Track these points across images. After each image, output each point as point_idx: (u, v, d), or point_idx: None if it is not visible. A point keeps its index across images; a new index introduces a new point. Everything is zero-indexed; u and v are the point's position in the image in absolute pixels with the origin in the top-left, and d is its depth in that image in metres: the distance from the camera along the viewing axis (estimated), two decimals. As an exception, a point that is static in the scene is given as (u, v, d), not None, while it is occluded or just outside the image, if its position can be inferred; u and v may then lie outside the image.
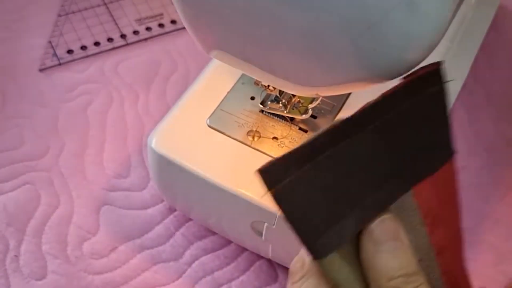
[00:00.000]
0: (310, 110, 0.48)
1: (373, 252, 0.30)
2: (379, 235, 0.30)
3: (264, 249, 0.50)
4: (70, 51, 0.67)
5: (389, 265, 0.30)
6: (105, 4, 0.71)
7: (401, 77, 0.34)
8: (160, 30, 0.69)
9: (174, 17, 0.70)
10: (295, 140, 0.48)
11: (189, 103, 0.50)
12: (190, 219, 0.55)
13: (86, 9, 0.71)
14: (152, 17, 0.71)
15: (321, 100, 0.49)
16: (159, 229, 0.54)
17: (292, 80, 0.39)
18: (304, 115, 0.48)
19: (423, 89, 0.31)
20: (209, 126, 0.48)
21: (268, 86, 0.47)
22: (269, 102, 0.48)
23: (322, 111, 0.49)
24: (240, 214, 0.47)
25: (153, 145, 0.48)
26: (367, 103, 0.31)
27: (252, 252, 0.53)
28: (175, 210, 0.55)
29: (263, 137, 0.48)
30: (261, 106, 0.48)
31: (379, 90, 0.39)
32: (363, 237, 0.31)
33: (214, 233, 0.54)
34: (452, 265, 0.33)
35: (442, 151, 0.32)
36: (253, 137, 0.48)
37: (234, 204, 0.46)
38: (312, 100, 0.48)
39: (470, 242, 0.55)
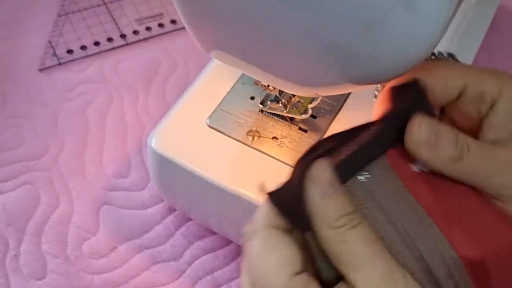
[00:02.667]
0: (310, 110, 0.48)
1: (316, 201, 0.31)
2: (316, 181, 0.31)
3: (264, 249, 0.50)
4: (70, 51, 0.67)
5: (330, 209, 0.31)
6: (105, 4, 0.71)
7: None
8: (160, 30, 0.69)
9: (174, 17, 0.70)
10: (295, 140, 0.48)
11: (189, 103, 0.50)
12: (190, 219, 0.55)
13: (86, 9, 0.71)
14: (152, 17, 0.71)
15: (321, 100, 0.49)
16: (159, 229, 0.54)
17: (292, 80, 0.39)
18: (303, 115, 0.48)
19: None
20: (209, 126, 0.48)
21: (268, 86, 0.47)
22: (269, 102, 0.48)
23: (322, 111, 0.49)
24: (240, 214, 0.47)
25: (153, 145, 0.48)
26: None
27: (252, 252, 0.53)
28: (175, 210, 0.55)
29: (263, 137, 0.48)
30: (261, 106, 0.48)
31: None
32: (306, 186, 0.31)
33: (214, 233, 0.54)
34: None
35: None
36: (253, 137, 0.48)
37: (234, 204, 0.46)
38: (312, 100, 0.48)
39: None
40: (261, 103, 0.49)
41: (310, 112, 0.48)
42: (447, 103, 0.35)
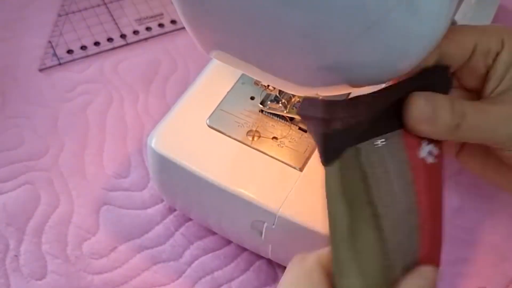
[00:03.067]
0: None
1: None
2: None
3: (264, 249, 0.50)
4: (70, 51, 0.67)
5: None
6: (105, 4, 0.71)
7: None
8: (160, 30, 0.69)
9: (174, 17, 0.70)
10: (295, 140, 0.48)
11: (189, 103, 0.50)
12: (190, 219, 0.55)
13: (86, 9, 0.71)
14: (152, 17, 0.71)
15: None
16: (159, 229, 0.54)
17: (292, 80, 0.39)
18: None
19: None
20: (209, 126, 0.48)
21: (268, 86, 0.47)
22: (268, 102, 0.48)
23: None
24: (240, 214, 0.47)
25: (153, 145, 0.48)
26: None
27: (252, 252, 0.53)
28: (175, 210, 0.55)
29: (263, 137, 0.48)
30: (261, 106, 0.48)
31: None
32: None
33: (214, 233, 0.54)
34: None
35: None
36: (253, 137, 0.48)
37: (234, 204, 0.46)
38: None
39: (470, 242, 0.55)
40: (261, 103, 0.49)
41: None
42: (460, 65, 0.37)
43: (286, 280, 0.35)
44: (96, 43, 0.68)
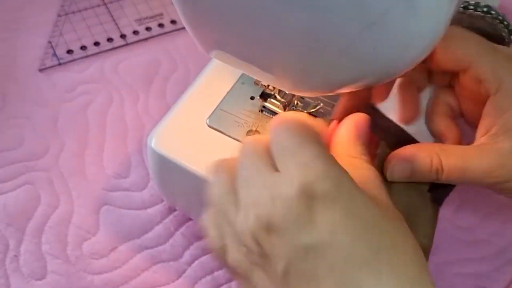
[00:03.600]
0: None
1: None
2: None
3: (264, 249, 0.50)
4: (70, 51, 0.67)
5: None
6: (105, 4, 0.71)
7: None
8: (160, 30, 0.69)
9: (174, 17, 0.70)
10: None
11: (189, 103, 0.50)
12: (190, 219, 0.55)
13: (86, 9, 0.71)
14: (152, 17, 0.71)
15: (321, 100, 0.49)
16: (159, 229, 0.54)
17: (292, 80, 0.39)
18: None
19: None
20: (209, 126, 0.48)
21: (268, 85, 0.47)
22: (268, 99, 0.48)
23: (322, 111, 0.49)
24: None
25: (153, 145, 0.48)
26: None
27: (252, 252, 0.53)
28: (175, 210, 0.55)
29: (263, 137, 0.48)
30: (261, 99, 0.48)
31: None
32: None
33: (214, 233, 0.54)
34: None
35: None
36: (253, 137, 0.48)
37: (234, 204, 0.46)
38: (316, 106, 0.48)
39: (470, 242, 0.55)
40: (260, 97, 0.48)
41: None
42: (451, 73, 0.38)
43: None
44: (96, 43, 0.68)
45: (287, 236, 0.30)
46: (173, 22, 0.70)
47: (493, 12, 0.41)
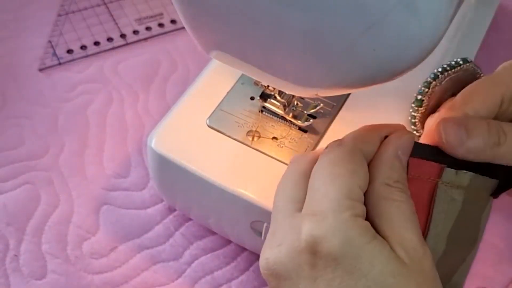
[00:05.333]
0: (311, 120, 0.48)
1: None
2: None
3: (263, 249, 0.50)
4: (70, 51, 0.67)
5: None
6: (105, 4, 0.71)
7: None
8: (160, 30, 0.69)
9: (174, 17, 0.70)
10: (295, 140, 0.48)
11: (189, 103, 0.50)
12: (190, 219, 0.55)
13: (86, 9, 0.71)
14: (152, 16, 0.71)
15: (321, 100, 0.49)
16: (158, 229, 0.54)
17: (292, 81, 0.39)
18: (306, 122, 0.48)
19: None
20: (209, 126, 0.48)
21: (268, 86, 0.47)
22: (268, 99, 0.48)
23: (322, 111, 0.49)
24: (240, 214, 0.47)
25: (153, 145, 0.48)
26: None
27: (252, 252, 0.53)
28: (174, 210, 0.55)
29: (262, 137, 0.48)
30: (261, 100, 0.48)
31: (378, 90, 0.39)
32: None
33: (213, 233, 0.54)
34: None
35: None
36: (253, 137, 0.48)
37: (234, 204, 0.46)
38: (315, 106, 0.48)
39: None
40: (260, 97, 0.48)
41: (311, 121, 0.48)
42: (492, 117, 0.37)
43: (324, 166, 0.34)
44: (96, 43, 0.68)
45: (288, 285, 0.32)
46: (173, 22, 0.70)
47: (469, 60, 0.43)
